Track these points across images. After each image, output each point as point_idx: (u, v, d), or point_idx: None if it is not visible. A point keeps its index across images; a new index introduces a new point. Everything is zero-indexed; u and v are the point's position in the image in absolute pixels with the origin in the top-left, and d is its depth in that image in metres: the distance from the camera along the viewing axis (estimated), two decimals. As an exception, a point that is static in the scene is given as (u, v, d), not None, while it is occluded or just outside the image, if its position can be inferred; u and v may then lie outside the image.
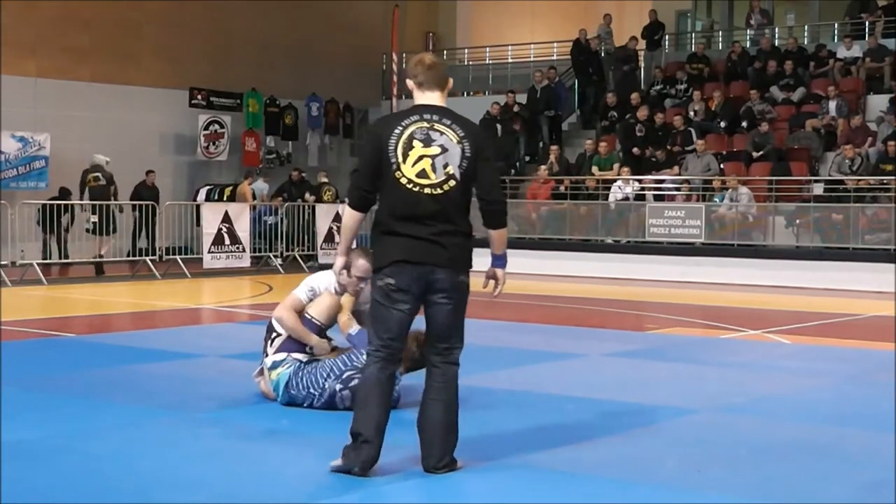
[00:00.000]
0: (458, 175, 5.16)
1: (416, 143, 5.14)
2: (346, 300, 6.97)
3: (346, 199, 5.39)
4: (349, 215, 5.29)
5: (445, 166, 5.14)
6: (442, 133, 5.18)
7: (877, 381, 8.23)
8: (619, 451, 5.87)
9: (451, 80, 5.46)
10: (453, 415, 5.29)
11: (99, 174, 18.55)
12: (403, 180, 5.12)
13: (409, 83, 5.34)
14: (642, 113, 21.18)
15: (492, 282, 5.42)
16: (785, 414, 6.99)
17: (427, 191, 5.12)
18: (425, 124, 5.19)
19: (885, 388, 7.76)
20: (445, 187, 5.14)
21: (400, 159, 5.12)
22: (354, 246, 6.31)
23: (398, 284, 5.14)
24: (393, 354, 5.24)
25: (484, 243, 5.40)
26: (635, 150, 20.57)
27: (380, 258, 5.21)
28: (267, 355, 6.99)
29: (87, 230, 18.34)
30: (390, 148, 5.13)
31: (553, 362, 9.03)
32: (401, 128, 5.17)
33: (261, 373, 7.11)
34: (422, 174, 5.12)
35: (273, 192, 21.96)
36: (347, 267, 5.61)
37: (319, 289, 7.01)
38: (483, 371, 8.55)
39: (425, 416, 5.27)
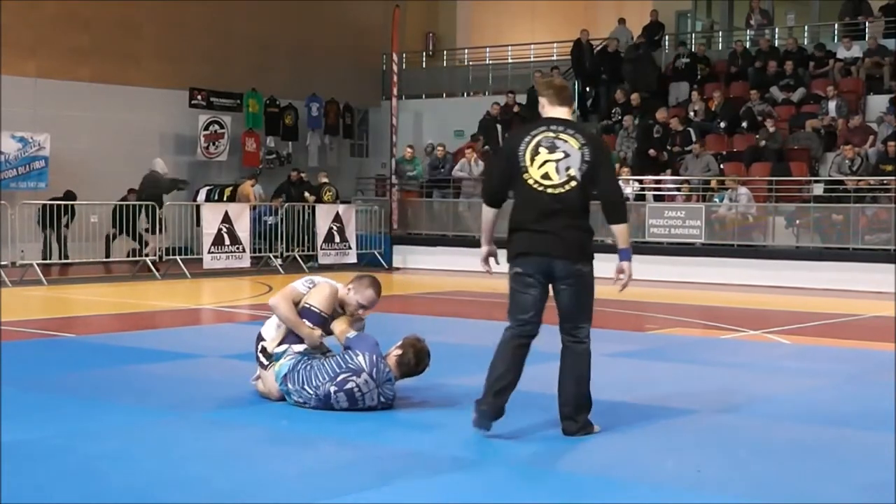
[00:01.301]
0: (578, 177, 5.94)
1: (541, 149, 5.97)
2: (343, 321, 6.96)
3: (482, 198, 6.28)
4: (485, 211, 6.18)
5: (567, 169, 5.94)
6: (565, 141, 5.97)
7: (877, 381, 8.23)
8: (619, 451, 5.87)
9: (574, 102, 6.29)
10: (585, 387, 6.11)
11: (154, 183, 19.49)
12: (530, 181, 5.96)
13: (541, 100, 6.16)
14: (661, 115, 21.05)
15: (621, 276, 6.16)
16: (785, 414, 6.99)
17: (549, 190, 5.93)
18: (551, 134, 6.00)
19: (885, 388, 7.76)
20: (567, 187, 5.93)
21: (527, 163, 5.97)
22: (363, 276, 7.03)
23: (525, 271, 5.99)
24: (525, 332, 6.04)
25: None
26: (651, 151, 20.43)
27: (510, 250, 6.05)
28: (259, 362, 7.03)
29: (146, 229, 18.76)
30: (520, 154, 5.99)
31: (553, 362, 8.99)
32: (529, 137, 6.02)
33: (258, 377, 7.13)
34: (546, 176, 5.94)
35: (273, 193, 21.97)
36: (492, 254, 6.24)
37: (318, 281, 7.05)
38: (482, 371, 8.53)
39: (561, 389, 6.12)
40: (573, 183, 5.92)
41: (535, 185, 5.94)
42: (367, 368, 6.59)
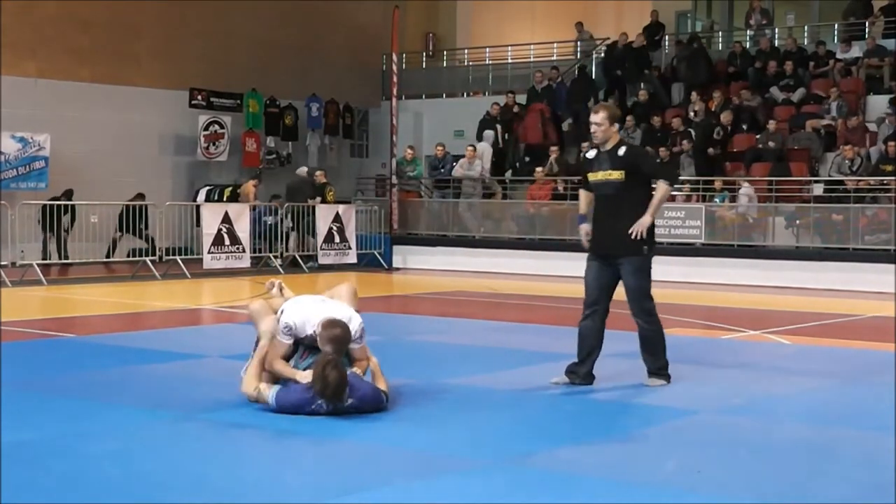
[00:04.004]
0: None
1: None
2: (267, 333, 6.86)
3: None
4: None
5: None
6: None
7: (877, 381, 8.22)
8: (619, 451, 5.87)
9: None
10: None
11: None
12: None
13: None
14: (726, 118, 20.60)
15: None
16: (785, 414, 7.00)
17: None
18: None
19: (885, 388, 7.76)
20: None
21: None
22: (333, 323, 6.60)
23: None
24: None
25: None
26: (710, 150, 20.11)
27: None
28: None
29: (291, 228, 20.37)
30: None
31: (553, 363, 9.01)
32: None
33: (246, 369, 7.12)
34: None
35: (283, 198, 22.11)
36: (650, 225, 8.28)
37: (296, 325, 6.75)
38: (483, 371, 8.56)
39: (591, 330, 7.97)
40: None
41: None
42: (309, 409, 6.46)
